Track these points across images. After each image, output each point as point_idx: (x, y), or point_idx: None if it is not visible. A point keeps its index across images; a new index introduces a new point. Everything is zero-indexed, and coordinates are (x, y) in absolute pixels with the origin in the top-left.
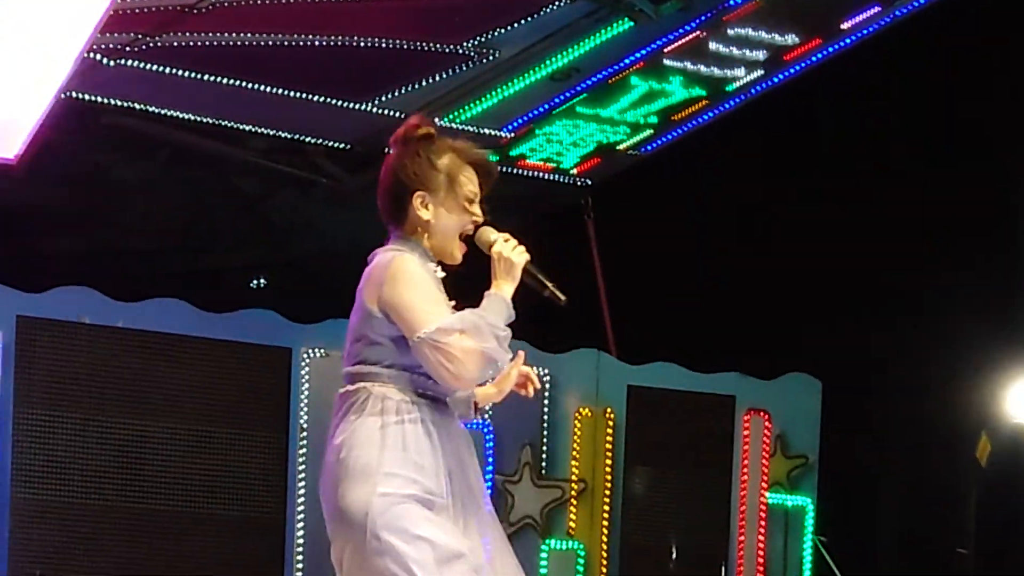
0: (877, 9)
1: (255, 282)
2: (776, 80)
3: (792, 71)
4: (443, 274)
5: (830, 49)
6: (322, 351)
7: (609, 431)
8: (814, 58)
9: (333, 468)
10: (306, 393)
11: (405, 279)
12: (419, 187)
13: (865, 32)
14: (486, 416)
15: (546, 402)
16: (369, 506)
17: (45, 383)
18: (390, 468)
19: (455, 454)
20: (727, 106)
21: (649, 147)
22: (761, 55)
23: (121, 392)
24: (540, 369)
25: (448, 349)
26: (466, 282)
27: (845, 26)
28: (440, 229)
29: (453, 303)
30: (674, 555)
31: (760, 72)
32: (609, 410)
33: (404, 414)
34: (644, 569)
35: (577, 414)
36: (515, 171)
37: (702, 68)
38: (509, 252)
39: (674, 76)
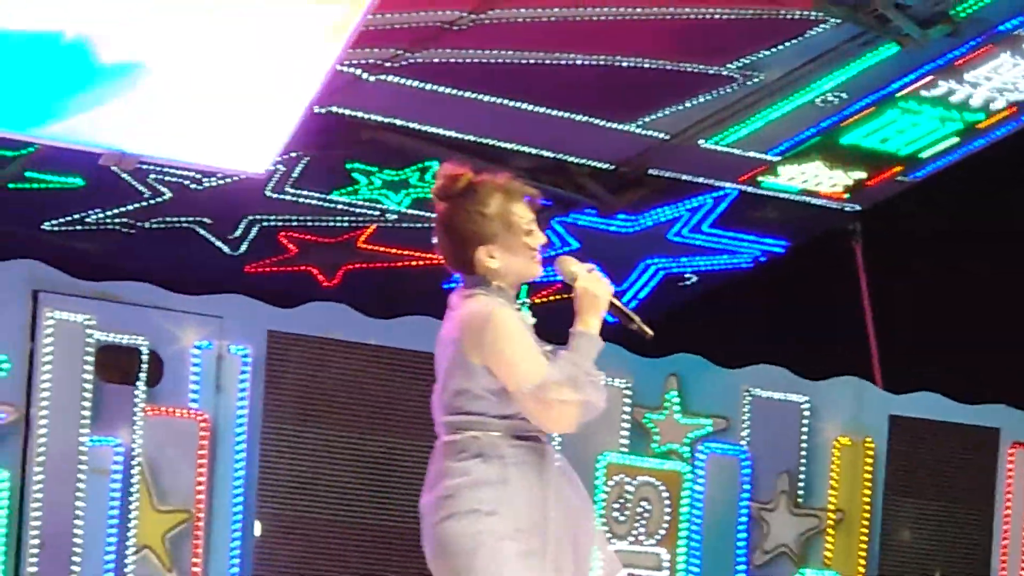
0: None
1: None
2: None
3: None
4: (533, 320)
5: None
6: None
7: (869, 461)
8: None
9: (438, 506)
10: None
11: (506, 335)
12: (480, 241)
13: None
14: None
15: (805, 430)
16: (471, 542)
17: (294, 398)
18: (492, 508)
19: (557, 490)
20: (996, 134)
21: (919, 173)
22: None
23: (370, 409)
24: (800, 397)
25: (549, 403)
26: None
27: None
28: (512, 271)
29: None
30: None
31: None
32: (869, 440)
33: (508, 458)
34: None
35: (836, 443)
36: (781, 195)
37: (969, 95)
38: (594, 286)
39: (941, 102)
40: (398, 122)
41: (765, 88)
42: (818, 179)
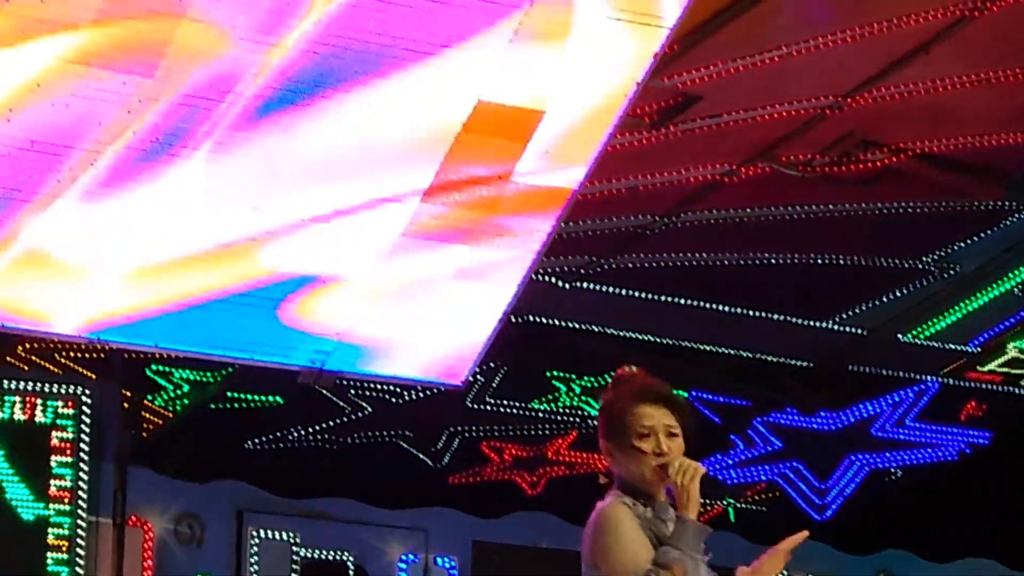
0: None
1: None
2: None
3: None
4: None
5: None
6: None
7: None
8: None
9: None
10: None
11: (607, 528)
12: (603, 435)
13: None
14: None
15: None
16: None
17: None
18: None
19: None
20: None
21: None
22: None
23: None
24: None
25: None
26: None
27: None
28: (627, 472)
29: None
30: None
31: None
32: None
33: None
34: None
35: None
36: (984, 386)
37: None
38: (685, 479)
39: None
40: (595, 328)
41: (962, 280)
42: (1020, 368)
